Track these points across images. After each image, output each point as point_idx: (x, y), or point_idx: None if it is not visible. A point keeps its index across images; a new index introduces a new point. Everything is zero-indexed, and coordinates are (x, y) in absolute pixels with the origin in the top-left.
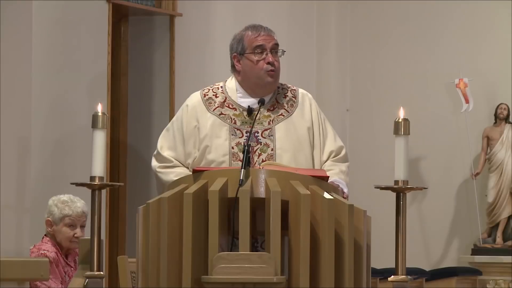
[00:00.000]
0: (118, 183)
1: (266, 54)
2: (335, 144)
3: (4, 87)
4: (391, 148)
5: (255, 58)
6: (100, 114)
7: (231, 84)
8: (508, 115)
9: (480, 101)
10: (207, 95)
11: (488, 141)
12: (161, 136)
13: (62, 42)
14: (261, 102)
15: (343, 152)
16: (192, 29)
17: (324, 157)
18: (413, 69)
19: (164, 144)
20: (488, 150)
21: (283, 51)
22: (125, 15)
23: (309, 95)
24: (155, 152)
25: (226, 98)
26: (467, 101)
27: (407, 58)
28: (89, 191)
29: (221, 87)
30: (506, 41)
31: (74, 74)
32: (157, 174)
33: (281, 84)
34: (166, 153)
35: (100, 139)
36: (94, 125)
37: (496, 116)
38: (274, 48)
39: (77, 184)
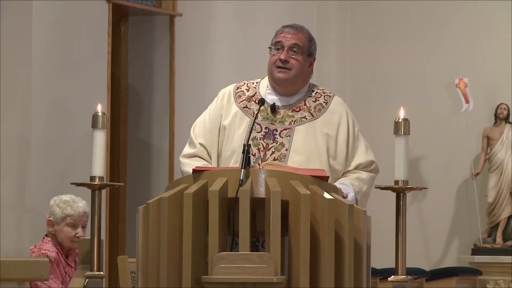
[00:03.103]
0: (118, 183)
1: (283, 51)
2: (365, 157)
3: (4, 87)
4: (391, 148)
5: (272, 52)
6: (100, 114)
7: (265, 80)
8: (508, 115)
9: (480, 101)
10: (240, 88)
11: (488, 141)
12: (194, 124)
13: (62, 42)
14: (261, 102)
15: (372, 166)
16: (192, 29)
17: (350, 168)
18: (413, 69)
19: (196, 132)
20: (488, 150)
21: (310, 57)
22: (125, 15)
23: (345, 104)
24: (189, 139)
25: (256, 93)
26: (467, 101)
27: (407, 58)
28: (89, 191)
29: (257, 82)
30: (506, 41)
31: (74, 74)
32: (179, 162)
33: (317, 88)
34: (197, 140)
35: (100, 139)
36: (94, 125)
37: (496, 116)
38: (293, 47)
39: (77, 184)
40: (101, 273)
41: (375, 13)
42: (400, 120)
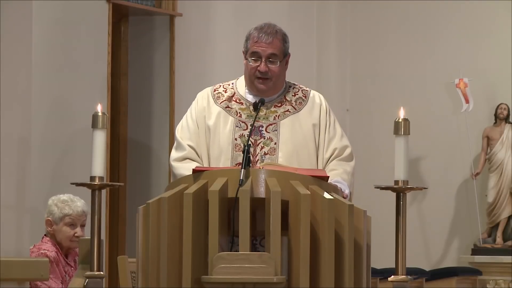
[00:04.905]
0: (118, 183)
1: (261, 62)
2: (340, 143)
3: (4, 87)
4: (391, 148)
5: (250, 63)
6: (100, 114)
7: (242, 80)
8: (508, 115)
9: (480, 101)
10: (217, 90)
11: (488, 141)
12: (177, 129)
13: (62, 42)
14: (261, 102)
15: (347, 151)
16: (192, 29)
17: (327, 155)
18: (413, 69)
19: (182, 135)
20: (488, 150)
21: (285, 58)
22: (125, 15)
23: (322, 96)
24: (174, 144)
25: (234, 93)
26: (467, 101)
27: (407, 58)
28: (89, 191)
29: (232, 83)
30: (506, 41)
31: (74, 74)
32: (171, 168)
33: (293, 84)
34: (185, 142)
35: (100, 139)
36: (94, 125)
37: (496, 116)
38: (270, 57)
39: (77, 184)
40: (101, 273)
41: (375, 13)
42: (400, 120)
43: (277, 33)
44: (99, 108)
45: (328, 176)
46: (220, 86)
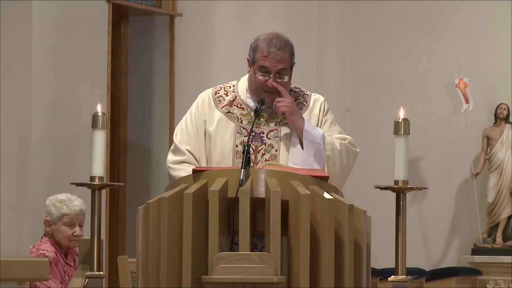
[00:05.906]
0: (118, 183)
1: (269, 76)
2: (339, 135)
3: (4, 87)
4: (391, 148)
5: (258, 76)
6: (100, 114)
7: (243, 83)
8: (508, 115)
9: (480, 101)
10: (218, 93)
11: (488, 141)
12: (175, 131)
13: (62, 42)
14: (261, 102)
15: (348, 138)
16: (192, 29)
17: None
18: (413, 69)
19: (180, 139)
20: (488, 150)
21: (292, 69)
22: (125, 15)
23: (322, 98)
24: (172, 147)
25: (236, 97)
26: (467, 101)
27: (407, 58)
28: (89, 191)
29: (233, 85)
30: (506, 41)
31: (74, 74)
32: (168, 170)
33: (295, 87)
34: (183, 147)
35: (100, 139)
36: (94, 125)
37: (496, 116)
38: (280, 73)
39: (77, 184)
40: (101, 273)
41: (375, 13)
42: (400, 120)
43: (286, 46)
44: (99, 108)
45: (328, 176)
46: (221, 88)
